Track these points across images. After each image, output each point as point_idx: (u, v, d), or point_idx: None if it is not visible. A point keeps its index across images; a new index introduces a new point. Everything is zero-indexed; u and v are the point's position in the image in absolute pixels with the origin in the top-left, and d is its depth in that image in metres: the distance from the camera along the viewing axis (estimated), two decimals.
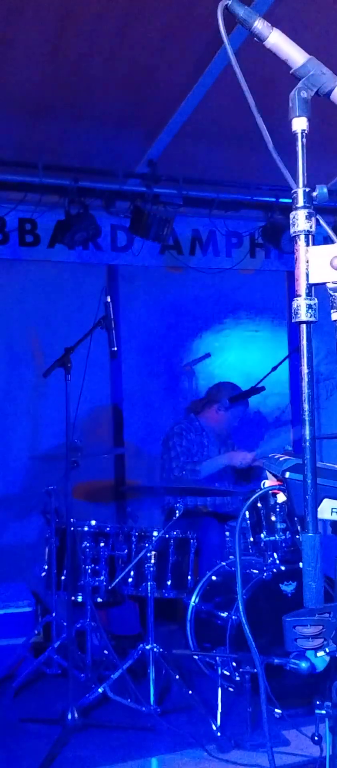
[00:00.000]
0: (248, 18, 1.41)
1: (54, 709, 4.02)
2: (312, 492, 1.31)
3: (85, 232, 5.45)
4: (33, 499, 5.12)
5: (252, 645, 1.74)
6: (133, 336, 6.17)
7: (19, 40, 4.11)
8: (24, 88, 4.56)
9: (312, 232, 1.37)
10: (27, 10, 3.86)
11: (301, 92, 1.36)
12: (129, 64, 4.42)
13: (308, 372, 1.37)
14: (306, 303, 1.37)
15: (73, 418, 4.22)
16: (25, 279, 5.89)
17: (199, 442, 5.38)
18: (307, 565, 1.32)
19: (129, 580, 4.42)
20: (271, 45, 1.41)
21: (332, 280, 1.34)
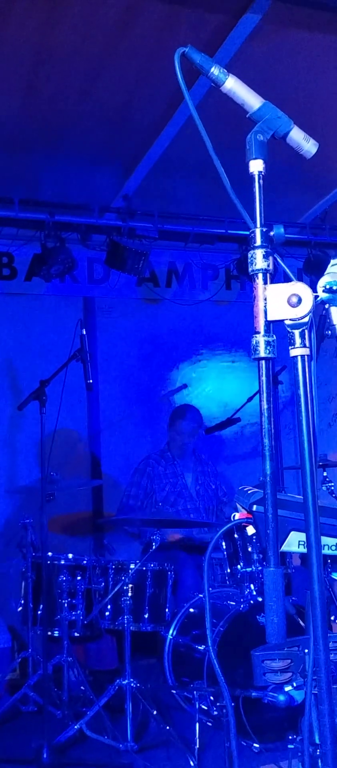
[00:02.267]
0: (204, 64, 1.45)
1: (29, 748, 3.96)
2: (273, 526, 1.32)
3: (62, 266, 5.48)
4: (9, 532, 5.08)
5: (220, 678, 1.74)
6: (110, 367, 6.18)
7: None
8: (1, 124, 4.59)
9: (270, 270, 1.39)
10: (2, 46, 3.90)
11: (257, 135, 1.39)
12: (104, 101, 4.47)
13: (267, 408, 1.38)
14: (265, 340, 1.39)
15: (49, 451, 4.20)
16: (1, 312, 5.89)
17: (172, 473, 5.45)
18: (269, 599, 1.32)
19: (106, 613, 4.39)
20: (227, 90, 1.44)
21: (290, 317, 1.37)
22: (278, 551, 1.34)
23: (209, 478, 5.60)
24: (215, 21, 3.74)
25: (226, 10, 3.66)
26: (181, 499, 5.42)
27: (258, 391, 1.45)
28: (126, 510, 5.35)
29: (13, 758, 4.01)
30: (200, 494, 5.50)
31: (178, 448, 5.53)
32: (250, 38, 3.77)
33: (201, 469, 5.60)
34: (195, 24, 3.82)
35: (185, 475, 5.50)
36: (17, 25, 3.77)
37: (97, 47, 3.99)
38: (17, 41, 3.89)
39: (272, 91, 1.63)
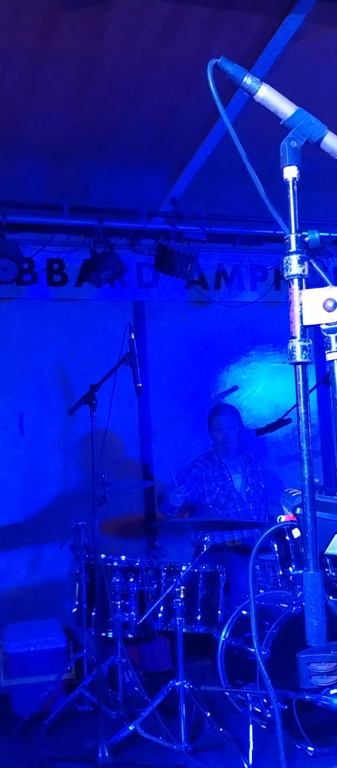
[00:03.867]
0: (236, 75, 1.47)
1: (85, 747, 4.03)
2: (312, 529, 1.32)
3: (111, 271, 5.55)
4: (62, 534, 5.16)
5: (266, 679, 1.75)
6: (160, 371, 6.22)
7: (43, 87, 4.23)
8: (49, 133, 4.68)
9: (305, 275, 1.40)
10: (50, 58, 3.98)
11: (291, 142, 1.40)
12: (150, 107, 4.51)
13: (304, 412, 1.39)
14: (301, 344, 1.40)
15: (100, 454, 4.27)
16: (53, 317, 6.00)
17: (220, 475, 5.46)
18: (308, 602, 1.33)
19: (159, 615, 4.42)
20: (260, 99, 1.46)
21: (326, 321, 1.37)
22: (316, 554, 1.34)
23: (258, 478, 5.58)
24: (258, 23, 3.74)
25: (270, 12, 3.65)
26: (231, 502, 5.42)
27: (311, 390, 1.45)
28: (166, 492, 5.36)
29: (69, 757, 4.08)
30: (250, 496, 5.48)
31: (222, 447, 5.53)
32: (293, 40, 3.75)
33: (250, 468, 5.58)
34: (239, 27, 3.82)
35: (234, 477, 5.50)
36: (64, 37, 3.84)
37: (142, 55, 4.03)
38: (65, 52, 3.96)
39: (314, 93, 1.63)
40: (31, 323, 5.96)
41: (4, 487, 5.80)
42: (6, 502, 5.80)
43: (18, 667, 4.85)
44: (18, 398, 5.89)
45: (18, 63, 3.98)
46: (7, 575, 5.75)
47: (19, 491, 5.83)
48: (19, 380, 5.91)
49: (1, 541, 5.76)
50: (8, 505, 5.81)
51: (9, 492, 5.81)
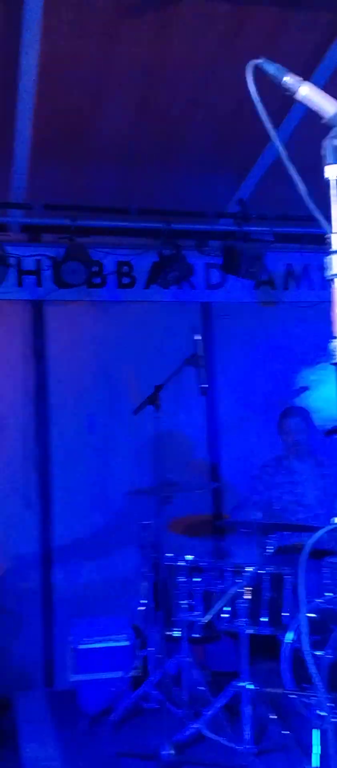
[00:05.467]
0: (277, 74, 1.46)
1: (150, 745, 4.07)
2: None
3: (178, 272, 5.59)
4: (131, 532, 5.23)
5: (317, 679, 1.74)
6: (228, 372, 6.22)
7: (109, 93, 4.31)
8: (116, 138, 4.76)
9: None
10: (116, 63, 4.05)
11: (333, 141, 1.39)
12: (215, 108, 4.53)
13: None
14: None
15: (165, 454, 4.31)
16: (122, 319, 6.08)
17: (289, 481, 5.40)
18: None
19: (224, 615, 4.43)
20: (302, 97, 1.45)
21: None
22: None
23: (330, 481, 5.50)
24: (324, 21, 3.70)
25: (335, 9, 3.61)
26: (300, 507, 5.36)
27: None
28: (242, 506, 5.36)
29: (135, 753, 4.13)
30: (319, 500, 5.41)
31: (292, 450, 5.48)
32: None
33: (320, 472, 5.51)
34: (304, 26, 3.80)
35: (303, 482, 5.43)
36: (129, 42, 3.91)
37: (206, 56, 4.06)
38: (130, 57, 4.03)
39: None
40: (101, 325, 6.06)
41: (74, 486, 5.93)
42: (76, 500, 5.92)
43: (86, 663, 4.94)
44: (87, 399, 6.00)
45: (84, 70, 4.08)
46: (77, 571, 5.87)
47: (89, 490, 5.95)
48: (88, 381, 6.02)
49: (72, 538, 5.88)
50: (78, 504, 5.92)
51: (79, 491, 5.93)
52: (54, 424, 5.94)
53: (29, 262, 5.86)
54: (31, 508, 5.88)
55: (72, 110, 4.43)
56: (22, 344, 5.91)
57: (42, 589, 5.84)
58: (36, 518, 5.89)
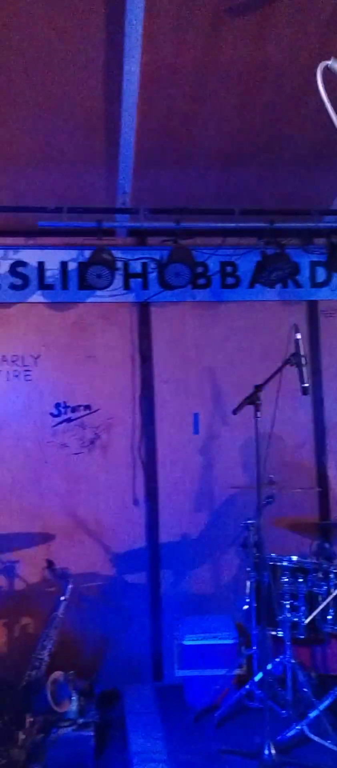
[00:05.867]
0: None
1: (252, 743, 4.09)
2: None
3: (281, 271, 5.55)
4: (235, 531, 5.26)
5: None
6: (335, 371, 6.11)
7: (209, 97, 4.36)
8: (217, 140, 4.79)
9: None
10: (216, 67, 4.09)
11: None
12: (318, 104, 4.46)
13: None
14: None
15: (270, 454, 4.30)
16: (227, 319, 6.12)
17: None
18: None
19: (328, 617, 4.38)
20: None
21: None
22: None
23: None
24: None
25: None
26: None
27: None
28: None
29: (237, 751, 4.16)
30: None
31: None
32: None
33: None
34: None
35: None
36: (229, 44, 3.94)
37: (308, 53, 4.02)
38: (230, 59, 4.05)
39: None
40: (206, 325, 6.12)
41: (180, 484, 6.01)
42: (181, 499, 6.00)
43: (191, 659, 5.02)
44: (192, 398, 6.08)
45: (185, 75, 4.14)
46: (183, 569, 5.96)
47: (193, 489, 6.02)
48: (193, 381, 6.10)
49: (178, 536, 5.97)
50: (184, 503, 6.01)
51: (184, 489, 6.01)
52: (159, 423, 6.06)
53: (136, 265, 6.01)
54: (138, 506, 6.02)
55: (173, 116, 4.50)
56: (129, 345, 6.07)
57: (150, 585, 5.97)
58: (143, 515, 6.02)
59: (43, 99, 4.18)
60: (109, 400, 6.02)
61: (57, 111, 4.31)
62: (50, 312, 5.97)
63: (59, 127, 4.47)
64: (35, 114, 4.30)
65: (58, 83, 4.07)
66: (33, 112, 4.28)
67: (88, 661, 5.59)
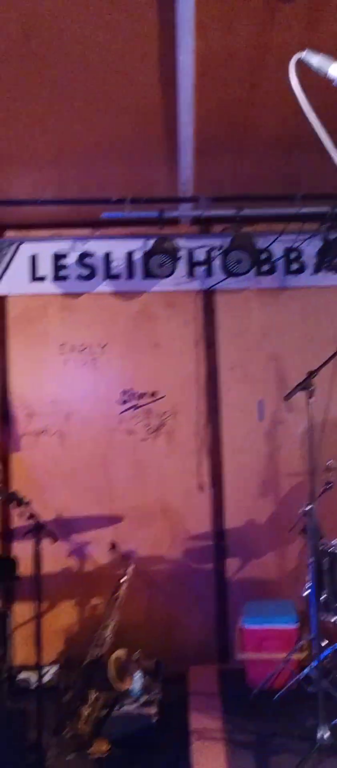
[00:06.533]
0: (322, 66, 1.46)
1: (307, 726, 4.10)
2: None
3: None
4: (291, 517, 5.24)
5: None
6: None
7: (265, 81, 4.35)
8: (277, 125, 4.78)
9: None
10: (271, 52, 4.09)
11: None
12: None
13: None
14: None
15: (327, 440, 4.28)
16: (291, 305, 6.10)
17: None
18: None
19: None
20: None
21: None
22: None
23: None
24: None
25: None
26: None
27: None
28: None
29: (292, 733, 4.18)
30: None
31: None
32: None
33: None
34: None
35: None
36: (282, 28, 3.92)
37: None
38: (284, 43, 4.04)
39: None
40: (270, 311, 6.12)
41: (244, 470, 6.05)
42: (246, 485, 6.04)
43: (252, 642, 5.06)
44: (257, 385, 6.10)
45: (239, 62, 4.15)
46: (248, 554, 5.99)
47: (258, 475, 6.04)
48: (257, 367, 6.11)
49: (243, 521, 6.01)
50: (248, 488, 6.04)
51: (249, 475, 6.05)
52: (224, 410, 6.11)
53: (199, 253, 6.08)
54: (203, 492, 6.09)
55: (230, 103, 4.52)
56: (193, 333, 6.14)
57: (215, 569, 6.04)
58: (208, 501, 6.09)
59: (100, 93, 4.29)
60: (174, 388, 6.12)
61: (114, 105, 4.41)
62: (116, 301, 6.11)
63: (118, 120, 4.58)
64: (93, 108, 4.41)
65: (114, 77, 4.17)
66: (91, 107, 4.40)
67: (155, 641, 5.71)
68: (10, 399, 6.12)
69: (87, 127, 4.62)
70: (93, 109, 4.41)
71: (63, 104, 4.34)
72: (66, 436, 6.12)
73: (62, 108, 4.38)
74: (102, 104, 4.38)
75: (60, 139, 4.75)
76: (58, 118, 4.49)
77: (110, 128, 4.66)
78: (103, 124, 4.59)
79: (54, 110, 4.39)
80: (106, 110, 4.45)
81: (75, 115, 4.48)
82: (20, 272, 6.06)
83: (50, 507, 5.90)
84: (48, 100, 4.28)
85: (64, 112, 4.44)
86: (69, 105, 4.35)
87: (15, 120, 4.48)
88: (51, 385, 6.12)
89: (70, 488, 6.07)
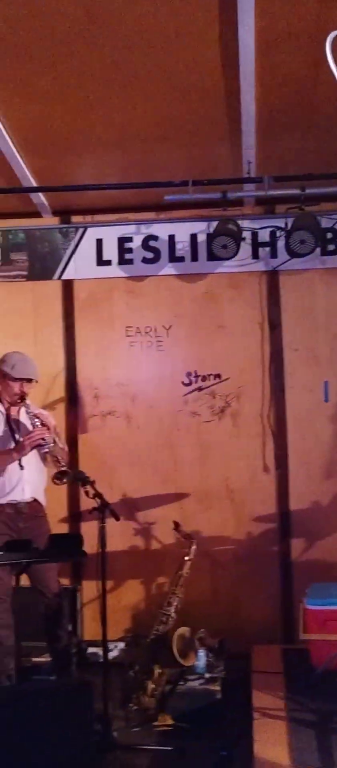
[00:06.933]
0: None
1: None
2: None
3: None
4: None
5: None
6: None
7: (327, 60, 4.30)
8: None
9: None
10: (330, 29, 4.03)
11: None
12: None
13: None
14: None
15: None
16: None
17: None
18: None
19: None
20: None
21: None
22: None
23: None
24: None
25: None
26: None
27: None
28: None
29: None
30: None
31: None
32: None
33: None
34: None
35: None
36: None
37: None
38: None
39: None
40: (336, 292, 6.05)
41: (309, 453, 6.02)
42: (311, 467, 6.01)
43: (316, 623, 5.04)
44: (322, 366, 6.04)
45: (300, 40, 4.12)
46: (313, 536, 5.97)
47: (324, 456, 6.00)
48: (323, 348, 6.06)
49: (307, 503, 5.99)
50: (313, 471, 6.01)
51: (314, 458, 6.01)
52: (289, 391, 6.09)
53: (264, 234, 6.06)
54: (268, 474, 6.10)
55: (293, 80, 4.49)
56: (258, 314, 6.14)
57: (280, 550, 6.05)
58: (273, 483, 6.09)
59: (162, 75, 4.32)
60: (238, 369, 6.14)
61: (177, 86, 4.45)
62: (181, 283, 6.17)
63: (180, 102, 4.61)
64: (156, 91, 4.46)
65: (176, 59, 4.20)
66: (153, 90, 4.44)
67: (219, 620, 5.75)
68: (77, 382, 6.26)
69: (150, 110, 4.67)
70: (155, 91, 4.46)
71: (126, 88, 4.40)
72: (132, 417, 6.22)
73: (125, 92, 4.45)
74: (164, 86, 4.42)
75: (123, 123, 4.82)
76: (121, 102, 4.57)
77: (173, 110, 4.70)
78: (166, 106, 4.63)
79: (117, 94, 4.46)
80: (168, 92, 4.49)
81: (137, 98, 4.54)
82: (86, 257, 6.19)
83: (116, 487, 6.02)
84: (111, 84, 4.35)
85: (127, 96, 4.50)
86: (131, 88, 4.41)
87: (78, 105, 4.57)
88: (117, 367, 6.23)
89: (136, 469, 6.17)
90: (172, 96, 4.53)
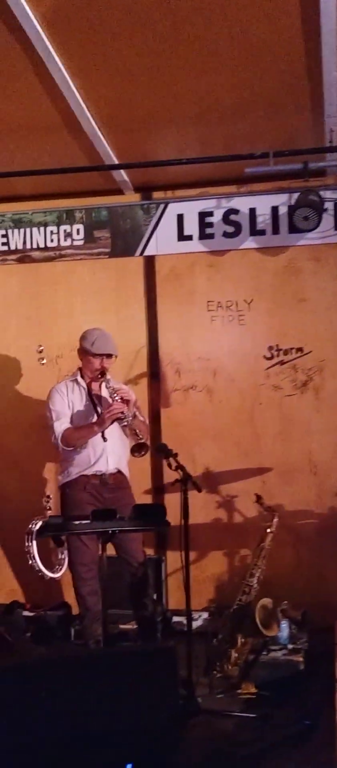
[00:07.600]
0: None
1: None
2: None
3: None
4: None
5: None
6: None
7: None
8: None
9: None
10: None
11: None
12: None
13: None
14: None
15: None
16: None
17: None
18: None
19: None
20: None
21: None
22: None
23: None
24: None
25: None
26: None
27: None
28: None
29: None
30: None
31: None
32: None
33: None
34: None
35: None
36: None
37: None
38: None
39: None
40: None
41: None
42: None
43: None
44: None
45: None
46: None
47: None
48: None
49: None
50: None
51: None
52: None
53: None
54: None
55: None
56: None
57: None
58: None
59: (242, 45, 4.29)
60: (321, 343, 6.08)
61: (257, 57, 4.41)
62: (262, 257, 6.14)
63: (260, 71, 4.57)
64: (236, 61, 4.44)
65: (256, 28, 4.16)
66: (233, 60, 4.42)
67: (302, 593, 5.74)
68: (159, 356, 6.34)
69: (229, 81, 4.66)
70: (235, 62, 4.44)
71: (205, 60, 4.40)
72: (213, 391, 6.26)
73: (205, 64, 4.44)
74: (244, 56, 4.39)
75: (203, 95, 4.83)
76: (200, 75, 4.57)
77: (253, 80, 4.66)
78: (246, 76, 4.60)
79: (196, 67, 4.47)
80: (249, 62, 4.46)
81: (217, 69, 4.53)
82: (168, 232, 6.24)
83: (198, 461, 6.09)
84: (191, 56, 4.35)
85: (207, 68, 4.50)
86: (211, 60, 4.41)
87: (160, 80, 4.60)
88: (198, 342, 6.28)
89: (218, 443, 6.21)
90: (253, 65, 4.49)
